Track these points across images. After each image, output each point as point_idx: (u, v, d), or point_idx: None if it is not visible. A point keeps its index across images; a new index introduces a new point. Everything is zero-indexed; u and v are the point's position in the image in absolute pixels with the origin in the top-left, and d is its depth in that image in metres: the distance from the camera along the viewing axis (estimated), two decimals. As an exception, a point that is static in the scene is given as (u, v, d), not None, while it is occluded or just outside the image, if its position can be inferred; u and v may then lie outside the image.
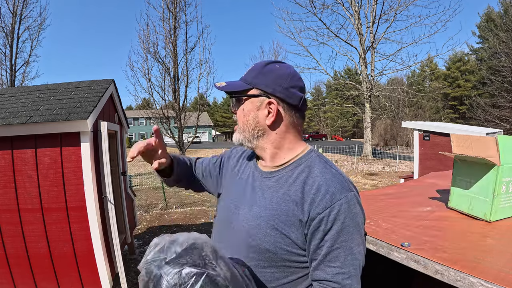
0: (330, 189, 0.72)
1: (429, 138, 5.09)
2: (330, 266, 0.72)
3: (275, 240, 0.74)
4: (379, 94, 20.67)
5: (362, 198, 1.40)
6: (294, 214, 0.74)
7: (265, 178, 0.84)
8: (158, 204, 8.42)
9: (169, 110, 13.04)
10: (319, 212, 0.71)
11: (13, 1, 15.35)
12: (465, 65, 36.31)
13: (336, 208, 0.71)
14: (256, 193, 0.83)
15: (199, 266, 0.55)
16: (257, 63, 0.86)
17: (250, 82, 0.82)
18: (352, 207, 0.72)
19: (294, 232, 0.74)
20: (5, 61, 15.49)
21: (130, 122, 30.92)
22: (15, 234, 2.78)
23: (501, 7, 22.82)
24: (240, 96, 0.84)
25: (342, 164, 16.99)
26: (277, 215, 0.75)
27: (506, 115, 19.91)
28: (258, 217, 0.78)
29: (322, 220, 0.71)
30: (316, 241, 0.72)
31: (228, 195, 0.92)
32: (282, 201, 0.76)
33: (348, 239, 0.71)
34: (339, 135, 47.58)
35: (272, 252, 0.74)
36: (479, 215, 0.96)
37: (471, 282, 0.62)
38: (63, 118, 2.68)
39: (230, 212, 0.86)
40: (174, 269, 0.54)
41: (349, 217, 0.71)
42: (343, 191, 0.73)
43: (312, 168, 0.79)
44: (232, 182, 0.93)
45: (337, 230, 0.71)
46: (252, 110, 0.82)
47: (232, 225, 0.83)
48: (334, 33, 19.59)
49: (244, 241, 0.78)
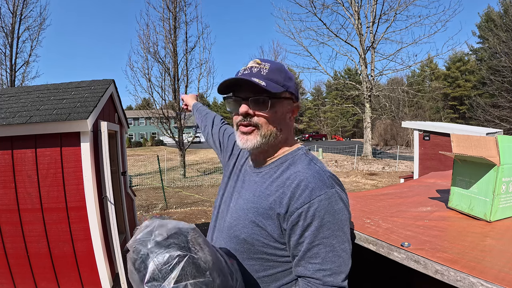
0: (310, 185, 0.73)
1: (429, 138, 5.09)
2: (310, 262, 0.72)
3: (252, 232, 0.77)
4: (379, 94, 20.67)
5: (362, 198, 1.40)
6: (271, 207, 0.76)
7: (254, 174, 0.88)
8: (158, 204, 8.42)
9: (169, 110, 13.05)
10: (298, 207, 0.72)
11: (13, 1, 15.37)
12: (465, 65, 36.26)
13: (315, 204, 0.71)
14: (244, 187, 0.88)
15: (184, 249, 0.60)
16: (277, 64, 0.83)
17: (283, 85, 0.81)
18: (333, 203, 0.72)
19: (271, 225, 0.76)
20: (5, 61, 15.50)
21: (130, 122, 30.94)
22: (15, 234, 2.78)
23: (501, 7, 22.82)
24: (280, 99, 0.81)
25: (342, 164, 16.99)
26: (256, 208, 0.78)
27: (506, 115, 19.91)
28: (240, 210, 0.82)
29: (300, 215, 0.71)
30: (296, 236, 0.73)
31: (229, 186, 0.97)
32: (263, 195, 0.79)
33: (329, 235, 0.71)
34: (339, 135, 47.57)
35: (250, 243, 0.77)
36: (479, 215, 0.96)
37: (471, 282, 0.62)
38: (63, 118, 2.68)
39: (226, 203, 0.92)
40: (160, 250, 0.59)
41: (330, 213, 0.71)
42: (324, 187, 0.72)
43: (296, 165, 0.80)
44: (234, 173, 0.98)
45: (317, 227, 0.71)
46: (285, 113, 0.84)
47: (225, 215, 0.89)
48: (334, 33, 19.62)
49: (227, 232, 0.83)
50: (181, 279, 0.57)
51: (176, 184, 11.92)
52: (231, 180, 0.97)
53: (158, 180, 11.20)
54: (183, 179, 12.83)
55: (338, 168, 15.82)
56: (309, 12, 19.61)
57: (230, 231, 0.82)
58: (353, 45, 19.97)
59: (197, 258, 0.61)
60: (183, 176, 13.22)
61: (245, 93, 0.80)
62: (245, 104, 0.79)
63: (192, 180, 12.67)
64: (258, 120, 0.80)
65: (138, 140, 42.17)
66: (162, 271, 0.57)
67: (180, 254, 0.59)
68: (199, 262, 0.61)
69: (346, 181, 11.98)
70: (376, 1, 18.89)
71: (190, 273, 0.58)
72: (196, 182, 12.24)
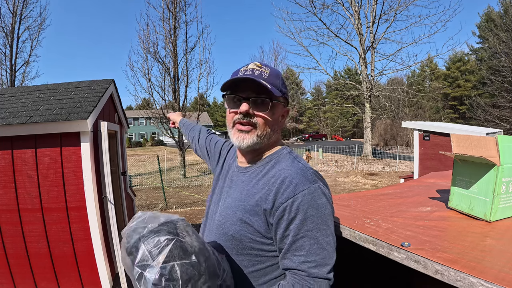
0: (294, 181, 0.76)
1: (429, 138, 5.09)
2: (295, 255, 0.75)
3: (240, 229, 0.81)
4: (379, 94, 20.67)
5: (362, 198, 1.40)
6: (257, 204, 0.80)
7: (241, 173, 0.92)
8: (158, 204, 8.42)
9: (169, 110, 13.03)
10: (283, 202, 0.75)
11: (13, 1, 15.35)
12: (465, 65, 36.26)
13: (299, 198, 0.74)
14: (231, 187, 0.91)
15: (172, 234, 0.66)
16: (276, 70, 0.89)
17: (280, 90, 0.86)
18: (316, 198, 0.75)
19: (258, 221, 0.79)
20: (5, 61, 15.48)
21: (130, 122, 30.90)
22: (15, 234, 2.78)
23: (501, 7, 22.81)
24: (277, 102, 0.87)
25: (342, 164, 16.99)
26: (243, 206, 0.82)
27: (506, 115, 19.91)
28: (228, 208, 0.86)
29: (285, 209, 0.75)
30: (281, 230, 0.76)
31: (218, 186, 1.01)
32: (250, 193, 0.83)
33: (312, 228, 0.74)
34: (339, 135, 47.55)
35: (238, 239, 0.81)
36: (479, 215, 0.96)
37: (471, 282, 0.62)
38: (63, 118, 2.68)
39: (216, 202, 0.96)
40: (151, 235, 0.64)
41: (313, 207, 0.74)
42: (307, 182, 0.76)
43: (281, 163, 0.85)
44: (222, 174, 1.03)
45: (301, 220, 0.74)
46: (279, 116, 0.90)
47: (214, 214, 0.93)
48: (334, 33, 19.63)
49: (217, 230, 0.86)
50: (168, 260, 0.61)
51: (176, 184, 11.92)
52: (220, 181, 1.01)
53: (158, 180, 11.20)
54: (183, 179, 12.83)
55: (338, 168, 15.82)
56: (309, 12, 19.65)
57: (219, 228, 0.85)
58: (353, 45, 19.99)
59: (184, 242, 0.65)
60: (183, 176, 13.22)
61: (246, 92, 0.83)
62: (246, 103, 0.82)
63: (192, 180, 12.67)
64: (257, 120, 0.84)
65: (138, 140, 42.17)
66: (151, 253, 0.62)
67: (169, 237, 0.64)
68: (186, 246, 0.65)
69: (346, 181, 11.98)
70: (376, 1, 18.89)
71: (178, 255, 0.63)
72: (196, 182, 12.24)
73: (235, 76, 0.83)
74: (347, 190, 10.22)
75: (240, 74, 0.84)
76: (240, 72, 0.85)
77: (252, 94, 0.83)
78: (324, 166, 16.39)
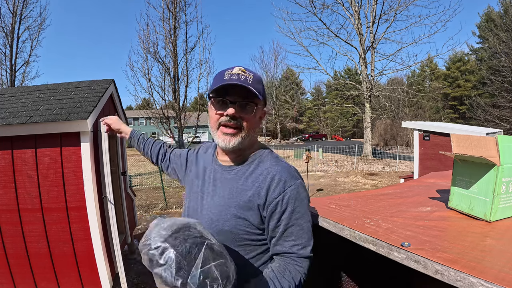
0: (282, 178, 0.89)
1: (429, 138, 5.09)
2: (286, 240, 0.89)
3: (236, 223, 0.89)
4: (379, 94, 20.67)
5: (362, 198, 1.40)
6: (250, 200, 0.89)
7: (225, 172, 0.98)
8: (158, 204, 8.42)
9: (169, 110, 13.04)
10: (275, 197, 0.88)
11: (13, 1, 15.36)
12: (465, 65, 36.24)
13: (288, 193, 0.88)
14: (217, 185, 0.97)
15: (201, 238, 0.69)
16: (258, 75, 0.95)
17: (263, 94, 0.94)
18: (300, 191, 0.90)
19: (252, 215, 0.89)
20: (5, 61, 15.50)
21: (130, 122, 30.90)
22: (15, 234, 2.78)
23: (501, 7, 22.82)
24: (257, 106, 0.94)
25: (342, 164, 16.99)
26: (236, 202, 0.90)
27: (506, 115, 19.91)
28: (219, 206, 0.93)
29: (278, 204, 0.88)
30: (274, 221, 0.89)
31: (194, 185, 1.06)
32: (240, 191, 0.91)
33: (299, 217, 0.89)
34: (339, 135, 47.53)
35: (234, 233, 0.89)
36: (479, 215, 0.96)
37: (471, 282, 0.62)
38: (63, 118, 2.68)
39: (198, 200, 1.01)
40: (177, 241, 0.66)
41: (299, 199, 0.89)
42: (293, 179, 0.90)
43: (265, 162, 0.95)
44: (197, 175, 1.07)
45: (290, 211, 0.88)
46: (259, 117, 0.98)
47: (199, 211, 0.98)
48: (334, 33, 19.61)
49: (209, 227, 0.90)
50: (205, 264, 0.65)
51: (176, 184, 11.92)
52: (196, 181, 1.06)
53: (158, 180, 11.20)
54: (183, 179, 12.79)
55: (338, 168, 15.82)
56: (309, 12, 19.63)
57: (212, 225, 0.91)
58: (353, 45, 19.98)
59: (213, 243, 0.70)
60: (183, 176, 13.18)
61: (234, 97, 0.89)
62: (233, 107, 0.89)
63: (192, 180, 12.63)
64: (242, 123, 0.91)
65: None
66: (187, 259, 0.65)
67: (200, 241, 0.68)
68: (214, 247, 0.70)
69: (346, 181, 11.97)
70: (376, 1, 18.88)
71: (211, 257, 0.67)
72: (196, 182, 12.21)
73: (224, 82, 0.87)
74: (347, 190, 10.21)
75: (226, 77, 0.88)
76: (226, 75, 0.89)
77: (239, 99, 0.89)
78: (324, 166, 16.38)
